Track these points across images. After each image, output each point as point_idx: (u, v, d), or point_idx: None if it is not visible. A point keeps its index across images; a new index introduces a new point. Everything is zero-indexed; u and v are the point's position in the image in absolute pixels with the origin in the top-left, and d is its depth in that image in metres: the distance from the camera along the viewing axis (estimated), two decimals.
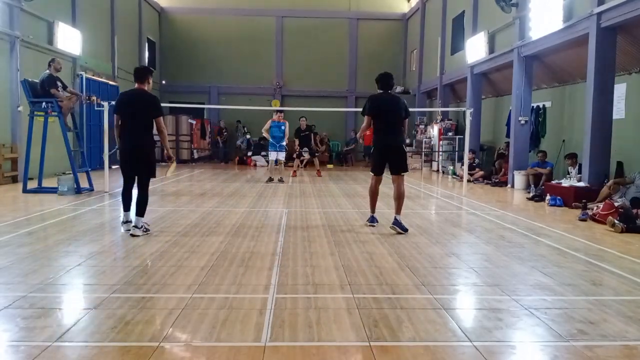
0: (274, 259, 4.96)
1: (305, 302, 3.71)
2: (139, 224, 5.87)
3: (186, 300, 3.68)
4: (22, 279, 4.14)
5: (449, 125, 18.27)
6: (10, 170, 11.74)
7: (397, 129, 6.59)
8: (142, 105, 5.89)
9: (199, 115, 21.92)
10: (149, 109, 5.90)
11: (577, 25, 10.07)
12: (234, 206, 8.65)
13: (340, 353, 2.90)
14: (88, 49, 15.62)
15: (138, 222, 5.87)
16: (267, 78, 24.25)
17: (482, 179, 13.95)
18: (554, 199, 9.46)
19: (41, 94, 9.55)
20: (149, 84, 6.03)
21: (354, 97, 24.69)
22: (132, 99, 5.96)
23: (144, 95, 5.96)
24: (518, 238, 6.29)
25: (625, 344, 3.08)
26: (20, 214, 7.38)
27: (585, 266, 4.94)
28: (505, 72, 14.21)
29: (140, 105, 5.88)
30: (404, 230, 6.37)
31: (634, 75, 9.94)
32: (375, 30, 24.78)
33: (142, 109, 5.87)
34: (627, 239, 6.39)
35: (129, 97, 6.00)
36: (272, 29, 24.38)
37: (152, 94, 6.13)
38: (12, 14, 11.87)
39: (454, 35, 18.28)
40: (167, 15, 23.98)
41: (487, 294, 4.04)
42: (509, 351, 2.99)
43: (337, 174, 16.32)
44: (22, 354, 2.80)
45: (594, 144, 9.58)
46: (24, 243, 5.48)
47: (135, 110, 5.86)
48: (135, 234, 5.80)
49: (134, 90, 6.02)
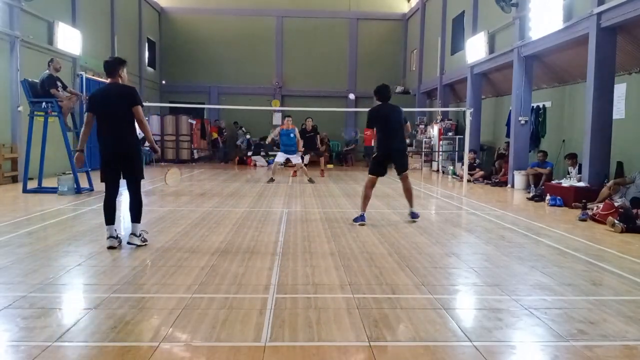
0: (274, 259, 4.96)
1: (305, 302, 3.71)
2: (137, 232, 5.41)
3: (186, 300, 3.68)
4: (22, 279, 4.14)
5: (449, 125, 18.27)
6: (10, 170, 11.74)
7: (400, 135, 7.21)
8: (117, 99, 5.27)
9: (199, 115, 21.93)
10: (125, 100, 5.26)
11: (577, 25, 10.06)
12: (234, 206, 8.65)
13: (340, 353, 2.89)
14: (88, 49, 15.62)
15: (136, 230, 5.41)
16: (267, 78, 24.26)
17: (482, 179, 13.95)
18: (554, 199, 9.47)
19: (41, 94, 9.55)
20: (121, 77, 5.40)
21: (354, 97, 24.70)
22: (105, 94, 5.39)
23: (118, 88, 5.36)
24: (518, 238, 6.29)
25: (625, 344, 3.08)
26: (20, 214, 7.38)
27: (585, 266, 4.94)
28: (505, 72, 14.21)
29: (115, 99, 5.28)
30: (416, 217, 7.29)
31: (634, 75, 9.94)
32: (375, 30, 24.78)
33: (118, 103, 5.26)
34: (627, 239, 6.39)
35: (102, 93, 5.45)
36: (272, 29, 24.38)
37: (129, 85, 5.53)
38: (12, 14, 11.88)
39: (454, 35, 18.28)
40: (167, 15, 23.98)
41: (487, 294, 4.04)
42: (509, 351, 2.99)
43: (337, 174, 16.32)
44: (22, 354, 2.80)
45: (594, 144, 9.58)
46: (24, 243, 5.48)
47: (111, 107, 5.26)
48: (133, 243, 5.36)
49: (107, 85, 5.45)
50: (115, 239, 5.31)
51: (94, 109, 5.32)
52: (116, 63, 5.40)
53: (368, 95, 23.87)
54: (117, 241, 5.33)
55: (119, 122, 5.27)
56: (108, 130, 5.29)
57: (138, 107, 5.28)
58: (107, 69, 5.42)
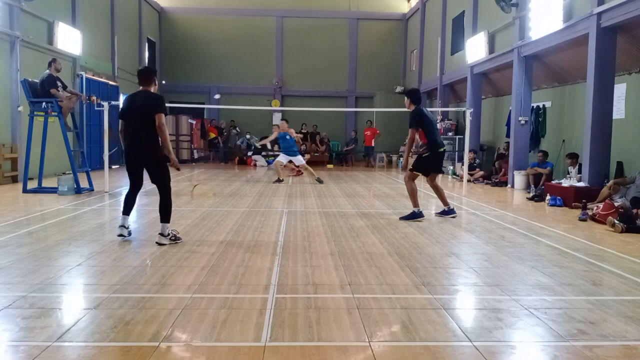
0: (274, 259, 4.96)
1: (305, 302, 3.71)
2: (165, 232, 5.52)
3: (186, 300, 3.68)
4: (22, 279, 4.14)
5: (449, 125, 18.27)
6: (10, 170, 11.73)
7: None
8: (142, 105, 5.50)
9: (199, 115, 21.93)
10: (149, 107, 5.46)
11: (577, 25, 10.07)
12: (234, 206, 8.65)
13: (340, 353, 2.89)
14: (88, 49, 15.63)
15: (164, 230, 5.52)
16: (267, 78, 24.26)
17: (482, 179, 13.95)
18: (554, 199, 9.47)
19: (41, 94, 9.55)
20: (155, 85, 5.70)
21: (354, 97, 24.71)
22: (133, 100, 5.62)
23: (146, 94, 5.60)
24: (518, 238, 6.30)
25: (625, 344, 3.08)
26: (20, 214, 7.38)
27: (585, 266, 4.94)
28: (505, 72, 14.21)
29: (141, 105, 5.51)
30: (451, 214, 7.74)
31: (634, 75, 9.94)
32: (375, 30, 24.79)
33: (142, 109, 5.47)
34: (627, 239, 6.39)
35: (131, 99, 5.70)
36: (272, 29, 24.39)
37: (157, 94, 5.78)
38: (12, 14, 11.88)
39: (454, 35, 18.27)
40: (167, 15, 23.99)
41: (487, 294, 4.04)
42: (509, 351, 2.99)
43: (337, 174, 16.31)
44: (22, 354, 2.79)
45: (594, 144, 9.58)
46: (24, 243, 5.48)
47: (136, 112, 5.49)
48: (161, 242, 5.45)
49: (138, 91, 5.69)
50: (125, 229, 5.66)
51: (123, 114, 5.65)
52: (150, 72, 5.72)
53: (368, 95, 24.16)
54: (126, 231, 5.66)
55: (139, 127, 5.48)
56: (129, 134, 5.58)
57: (160, 115, 5.45)
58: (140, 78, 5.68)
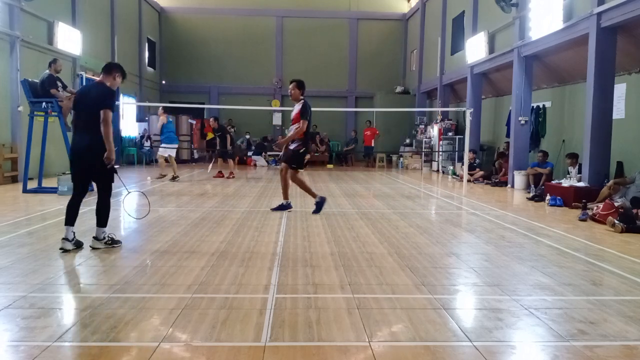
0: (274, 259, 4.96)
1: (305, 302, 3.71)
2: (100, 236, 5.19)
3: (186, 300, 3.68)
4: (22, 279, 4.14)
5: (449, 125, 18.27)
6: (10, 170, 11.74)
7: None
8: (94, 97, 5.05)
9: (199, 115, 21.92)
10: (98, 100, 4.98)
11: (577, 25, 10.07)
12: (234, 206, 8.65)
13: (340, 353, 2.89)
14: (88, 49, 15.63)
15: (99, 234, 5.20)
16: (267, 78, 24.27)
17: (482, 179, 13.95)
18: (554, 199, 9.46)
19: (41, 94, 9.55)
20: (114, 80, 5.23)
21: (354, 97, 24.71)
22: (87, 92, 5.21)
23: (98, 88, 5.15)
24: (518, 238, 6.29)
25: (625, 344, 3.08)
26: (20, 214, 7.38)
27: (585, 266, 4.94)
28: (505, 72, 14.21)
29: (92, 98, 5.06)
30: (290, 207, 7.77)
31: (634, 75, 9.94)
32: (375, 30, 24.80)
33: (92, 101, 5.01)
34: (627, 239, 6.39)
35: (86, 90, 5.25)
36: (272, 29, 24.40)
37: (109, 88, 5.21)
38: (12, 14, 11.88)
39: (454, 35, 18.28)
40: (167, 15, 23.99)
41: (487, 294, 4.04)
42: (509, 351, 2.99)
43: (337, 174, 16.31)
44: (22, 354, 2.79)
45: (594, 144, 9.58)
46: (25, 243, 5.48)
47: (84, 104, 5.07)
48: (96, 247, 5.16)
49: (93, 83, 5.27)
50: (69, 242, 5.05)
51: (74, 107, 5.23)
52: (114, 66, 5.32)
53: (368, 95, 24.15)
54: (70, 244, 5.05)
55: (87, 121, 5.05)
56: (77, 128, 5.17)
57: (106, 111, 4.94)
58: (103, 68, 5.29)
